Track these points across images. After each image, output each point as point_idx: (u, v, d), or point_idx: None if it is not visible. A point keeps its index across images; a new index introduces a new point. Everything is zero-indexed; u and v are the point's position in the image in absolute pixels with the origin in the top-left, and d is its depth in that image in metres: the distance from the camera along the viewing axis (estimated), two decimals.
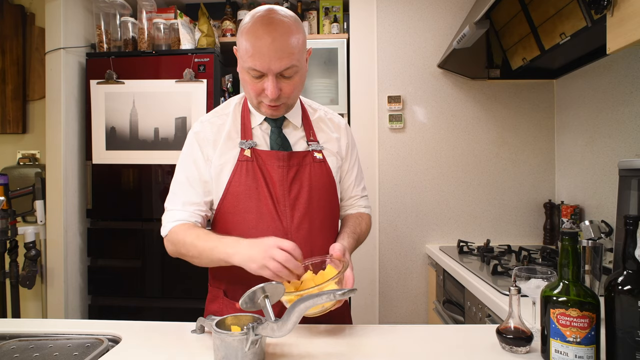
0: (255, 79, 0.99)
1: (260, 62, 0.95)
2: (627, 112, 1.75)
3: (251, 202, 1.04)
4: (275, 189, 1.05)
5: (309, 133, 1.14)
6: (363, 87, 2.40)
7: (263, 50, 0.94)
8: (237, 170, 1.05)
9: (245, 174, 1.05)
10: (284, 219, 1.04)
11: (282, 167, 1.06)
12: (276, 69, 0.96)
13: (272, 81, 0.97)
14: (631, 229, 0.74)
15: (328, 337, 0.94)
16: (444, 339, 0.92)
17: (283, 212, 1.05)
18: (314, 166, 1.11)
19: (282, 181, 1.05)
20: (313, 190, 1.08)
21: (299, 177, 1.08)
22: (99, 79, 2.32)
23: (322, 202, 1.10)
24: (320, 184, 1.11)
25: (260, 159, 1.06)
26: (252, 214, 1.04)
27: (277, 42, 0.94)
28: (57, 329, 1.00)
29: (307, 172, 1.09)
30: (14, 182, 2.40)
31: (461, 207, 2.39)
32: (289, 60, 0.96)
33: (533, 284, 0.91)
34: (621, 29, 1.09)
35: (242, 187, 1.04)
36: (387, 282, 2.38)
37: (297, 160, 1.08)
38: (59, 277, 2.30)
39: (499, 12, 2.08)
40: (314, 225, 1.07)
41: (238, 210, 1.05)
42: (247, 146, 1.06)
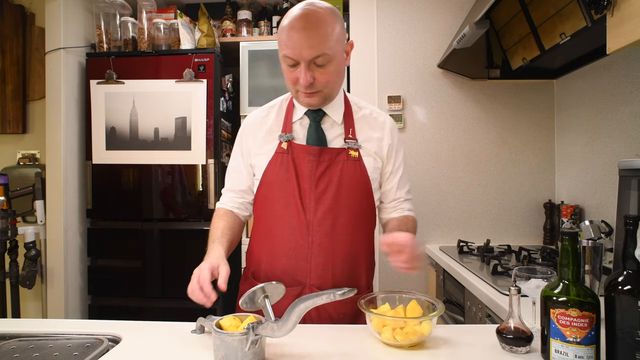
0: (290, 67, 1.02)
1: (292, 49, 0.99)
2: (627, 112, 1.75)
3: (281, 192, 1.10)
4: (304, 182, 1.09)
5: (349, 130, 1.14)
6: (363, 87, 2.40)
7: (294, 38, 0.98)
8: (273, 162, 1.11)
9: (279, 166, 1.10)
10: (308, 212, 1.08)
11: (311, 161, 1.09)
12: (307, 57, 0.99)
13: (304, 69, 1.00)
14: (631, 229, 0.74)
15: (328, 336, 0.94)
16: (444, 339, 0.92)
17: (308, 205, 1.08)
18: (348, 164, 1.11)
19: (310, 175, 1.09)
20: (342, 188, 1.10)
21: (329, 173, 1.10)
22: (99, 79, 2.32)
23: (350, 201, 1.11)
24: (351, 182, 1.11)
25: (295, 152, 1.11)
26: (279, 204, 1.10)
27: (308, 30, 0.98)
28: (57, 329, 1.00)
29: (339, 168, 1.10)
30: (14, 182, 2.40)
31: (461, 207, 2.39)
32: (320, 49, 0.98)
33: (533, 284, 0.90)
34: (621, 29, 1.09)
35: (274, 178, 1.11)
36: (387, 282, 2.37)
37: (330, 156, 1.10)
38: (59, 277, 2.29)
39: (499, 12, 2.08)
40: (338, 221, 1.09)
41: (269, 199, 1.12)
42: (285, 139, 1.12)
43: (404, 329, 0.87)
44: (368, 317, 0.90)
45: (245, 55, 2.43)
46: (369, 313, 0.89)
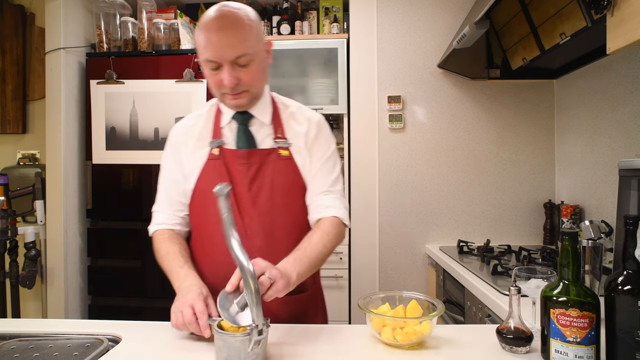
0: (213, 70, 1.00)
1: (212, 52, 0.97)
2: (627, 112, 1.75)
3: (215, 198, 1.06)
4: (237, 186, 1.07)
5: (277, 130, 1.12)
6: (363, 87, 2.40)
7: (214, 40, 0.96)
8: (205, 169, 1.09)
9: (212, 172, 1.08)
10: (245, 216, 1.06)
11: (242, 164, 1.07)
12: (229, 57, 0.97)
13: (227, 70, 0.98)
14: (631, 229, 0.74)
15: (328, 336, 0.94)
16: (444, 339, 0.92)
17: (244, 210, 1.06)
18: (279, 164, 1.09)
19: (242, 179, 1.07)
20: (275, 189, 1.07)
21: (260, 175, 1.07)
22: (99, 79, 2.32)
23: (286, 200, 1.08)
24: (285, 182, 1.09)
25: (226, 156, 1.08)
26: (215, 210, 1.04)
27: (227, 31, 0.97)
28: (57, 329, 1.00)
29: (270, 169, 1.08)
30: (14, 182, 2.40)
31: (461, 207, 2.39)
32: (241, 49, 0.97)
33: (533, 284, 0.90)
34: (621, 29, 1.09)
35: (208, 185, 1.05)
36: (387, 282, 2.37)
37: (259, 157, 1.08)
38: (59, 277, 2.30)
39: (499, 12, 2.08)
40: (276, 222, 1.07)
41: (204, 207, 1.09)
42: (215, 145, 1.09)
43: (404, 329, 0.87)
44: (368, 317, 0.90)
45: None
46: (369, 313, 0.89)
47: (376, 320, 0.89)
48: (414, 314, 0.91)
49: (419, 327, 0.87)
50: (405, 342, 0.86)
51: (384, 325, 0.88)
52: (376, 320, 0.89)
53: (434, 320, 0.88)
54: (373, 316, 0.89)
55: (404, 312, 0.93)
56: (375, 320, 0.89)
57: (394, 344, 0.87)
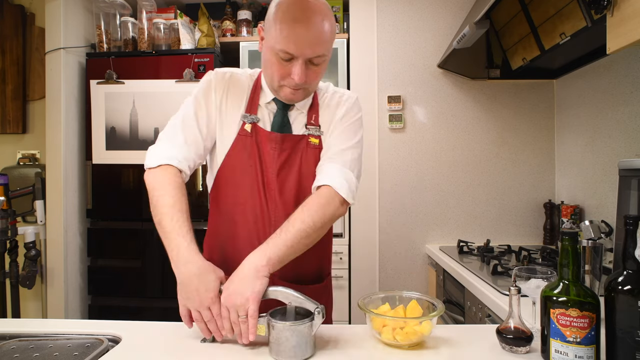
0: (284, 61, 0.95)
1: (294, 45, 0.92)
2: (627, 112, 1.75)
3: (244, 178, 1.03)
4: (267, 170, 1.03)
5: (311, 116, 1.08)
6: (363, 87, 2.40)
7: (299, 34, 0.91)
8: (236, 144, 1.04)
9: (242, 149, 1.04)
10: (270, 203, 1.03)
11: (274, 149, 1.04)
12: (309, 55, 0.93)
13: (301, 66, 0.94)
14: (631, 229, 0.74)
15: (328, 336, 0.94)
16: (444, 339, 0.92)
17: (271, 196, 1.03)
18: (307, 152, 1.06)
19: (272, 164, 1.03)
20: (303, 178, 1.04)
21: (290, 162, 1.04)
22: (99, 79, 2.32)
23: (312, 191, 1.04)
24: (312, 172, 1.05)
25: (259, 136, 1.04)
26: (242, 191, 1.03)
27: (314, 28, 0.92)
28: (57, 329, 1.00)
29: (299, 158, 1.05)
30: (14, 182, 2.40)
31: (461, 207, 2.39)
32: (322, 48, 0.94)
33: (533, 284, 0.90)
34: (621, 29, 1.09)
35: (237, 162, 1.03)
36: (387, 282, 2.37)
37: (291, 144, 1.05)
38: (59, 277, 2.29)
39: (499, 12, 2.08)
40: None
41: (230, 183, 1.05)
42: (250, 121, 1.04)
43: (404, 329, 0.87)
44: (368, 317, 0.90)
45: (245, 55, 2.43)
46: (369, 313, 0.89)
47: (376, 320, 0.89)
48: (414, 314, 0.91)
49: (419, 327, 0.87)
50: (405, 342, 0.86)
51: (384, 325, 0.88)
52: (376, 320, 0.89)
53: (434, 320, 0.88)
54: (373, 316, 0.89)
55: (404, 312, 0.93)
56: (375, 320, 0.89)
57: (394, 344, 0.87)
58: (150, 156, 1.02)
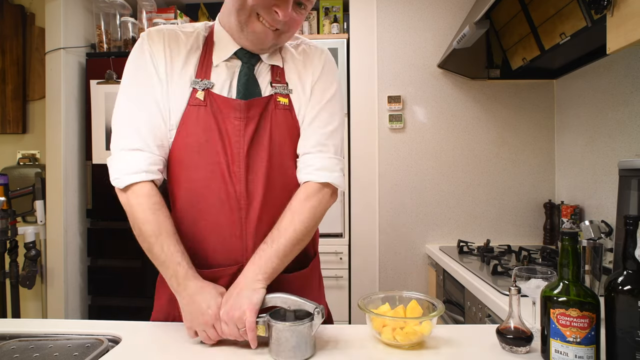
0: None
1: None
2: (627, 112, 1.75)
3: (200, 157, 0.87)
4: (231, 145, 0.87)
5: (275, 72, 0.92)
6: (363, 87, 2.40)
7: None
8: (187, 116, 0.87)
9: (195, 122, 0.87)
10: (237, 182, 0.87)
11: (239, 119, 0.87)
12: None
13: (290, 3, 0.82)
14: (631, 229, 0.74)
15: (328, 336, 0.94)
16: (444, 339, 0.92)
17: (236, 173, 0.87)
18: (277, 115, 0.90)
19: (239, 138, 0.87)
20: (273, 147, 0.89)
21: (259, 133, 0.88)
22: (99, 79, 2.32)
23: (284, 161, 0.91)
24: (282, 139, 0.90)
25: (216, 104, 0.87)
26: (200, 173, 0.88)
27: None
28: (57, 329, 1.00)
29: (268, 124, 0.89)
30: (14, 182, 2.40)
31: (461, 207, 2.39)
32: None
33: (533, 284, 0.90)
34: (621, 29, 1.09)
35: (190, 138, 0.87)
36: (387, 282, 2.37)
37: (258, 109, 0.88)
38: (59, 277, 2.29)
39: (499, 12, 2.08)
40: (273, 188, 0.90)
41: (185, 165, 0.89)
42: (202, 87, 0.87)
43: (404, 329, 0.87)
44: (368, 317, 0.90)
45: None
46: (368, 313, 0.89)
47: (376, 320, 0.89)
48: (414, 314, 0.91)
49: (419, 327, 0.87)
50: (405, 342, 0.86)
51: (384, 325, 0.88)
52: (376, 320, 0.89)
53: (434, 320, 0.88)
54: (373, 316, 0.89)
55: (404, 312, 0.93)
56: (375, 320, 0.89)
57: (394, 344, 0.87)
58: (113, 173, 0.91)
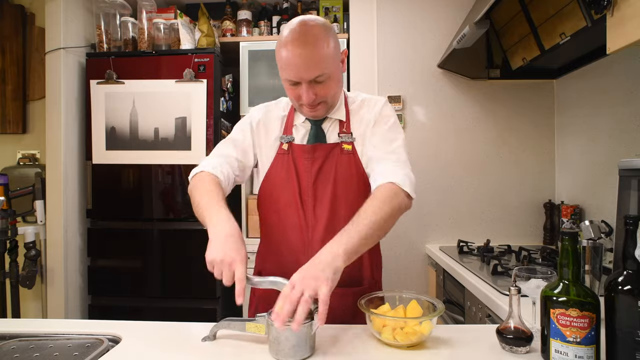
0: (292, 86, 1.05)
1: (292, 72, 1.02)
2: (627, 112, 1.75)
3: (282, 191, 1.13)
4: (302, 180, 1.12)
5: (343, 125, 1.16)
6: (363, 87, 2.40)
7: (293, 62, 1.01)
8: (275, 162, 1.16)
9: (281, 166, 1.15)
10: (306, 209, 1.11)
11: (306, 159, 1.13)
12: (307, 78, 1.02)
13: (305, 88, 1.03)
14: (631, 229, 0.74)
15: (328, 336, 0.94)
16: (444, 339, 0.92)
17: (306, 202, 1.12)
18: (342, 158, 1.13)
19: (306, 173, 1.12)
20: (337, 182, 1.11)
21: (324, 170, 1.12)
22: (99, 79, 2.32)
23: (348, 194, 1.11)
24: (346, 176, 1.12)
25: (294, 152, 1.15)
26: (280, 204, 1.14)
27: (306, 51, 1.00)
28: (57, 329, 1.00)
29: (333, 164, 1.12)
30: (14, 182, 2.40)
31: (461, 207, 2.39)
32: (319, 69, 1.01)
33: (533, 284, 0.91)
34: (621, 29, 1.09)
35: (276, 179, 1.15)
36: (387, 283, 2.35)
37: (323, 152, 1.13)
38: (59, 277, 2.29)
39: (499, 12, 2.08)
40: (337, 215, 1.09)
41: (271, 198, 1.16)
42: (286, 140, 1.16)
43: (404, 329, 0.87)
44: (368, 317, 0.90)
45: (245, 55, 2.43)
46: (369, 313, 0.89)
47: (376, 320, 0.89)
48: (414, 314, 0.92)
49: (419, 327, 0.87)
50: (405, 342, 0.86)
51: (384, 325, 0.88)
52: (376, 320, 0.89)
53: (434, 320, 0.88)
54: (373, 316, 0.89)
55: (404, 312, 0.93)
56: (375, 320, 0.89)
57: (394, 344, 0.87)
58: (196, 168, 1.16)
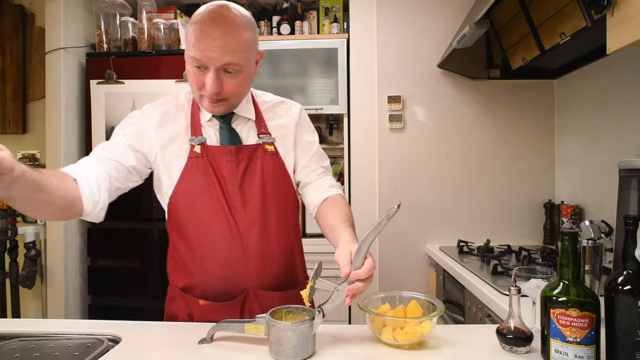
0: (198, 69, 0.97)
1: (202, 53, 0.94)
2: (627, 112, 1.75)
3: (202, 198, 1.04)
4: (226, 184, 1.04)
5: (260, 125, 1.12)
6: (363, 87, 2.40)
7: (206, 41, 0.93)
8: (188, 167, 1.05)
9: (196, 171, 1.04)
10: (236, 215, 1.03)
11: (230, 161, 1.05)
12: (218, 64, 0.95)
13: (213, 75, 0.95)
14: (631, 229, 0.74)
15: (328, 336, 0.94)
16: (444, 339, 0.92)
17: (234, 207, 1.04)
18: (266, 159, 1.09)
19: (232, 176, 1.05)
20: (266, 184, 1.07)
21: (250, 172, 1.06)
22: (99, 79, 2.32)
23: (277, 195, 1.09)
24: (273, 177, 1.09)
25: (210, 154, 1.05)
26: (203, 211, 1.04)
27: (223, 37, 0.94)
28: (57, 329, 1.00)
29: (259, 165, 1.07)
30: None
31: (461, 207, 2.39)
32: (232, 57, 0.95)
33: (533, 284, 0.90)
34: (621, 29, 1.09)
35: (192, 184, 1.04)
36: (387, 283, 2.37)
37: (247, 154, 1.07)
38: (59, 277, 2.29)
39: (499, 12, 2.08)
40: (269, 218, 1.06)
41: (189, 206, 1.05)
42: (197, 142, 1.05)
43: (404, 329, 0.87)
44: (368, 317, 0.90)
45: None
46: (369, 313, 0.89)
47: (376, 320, 0.89)
48: (414, 314, 0.91)
49: (419, 327, 0.87)
50: (405, 342, 0.86)
51: (384, 325, 0.88)
52: (376, 320, 0.89)
53: (434, 320, 0.88)
54: (373, 316, 0.89)
55: (404, 312, 0.93)
56: (375, 320, 0.89)
57: (394, 344, 0.87)
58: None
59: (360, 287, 0.84)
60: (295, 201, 1.16)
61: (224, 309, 1.01)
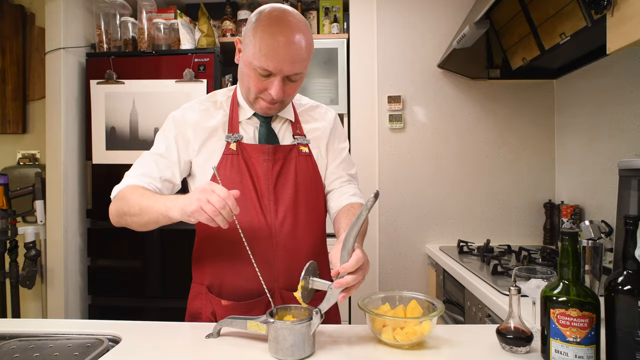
0: (262, 77, 0.98)
1: (273, 63, 0.94)
2: (627, 112, 1.75)
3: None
4: (260, 182, 1.05)
5: (296, 127, 1.14)
6: (363, 87, 2.40)
7: (278, 52, 0.94)
8: (222, 163, 1.05)
9: (230, 167, 1.05)
10: (267, 213, 1.04)
11: (267, 160, 1.06)
12: (287, 72, 0.96)
13: (279, 83, 0.97)
14: (631, 229, 0.74)
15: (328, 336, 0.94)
16: (444, 339, 0.92)
17: (267, 206, 1.05)
18: (300, 160, 1.10)
19: (267, 175, 1.05)
20: (299, 185, 1.08)
21: (284, 172, 1.07)
22: (99, 79, 2.32)
23: (308, 197, 1.09)
24: (306, 179, 1.10)
25: (246, 152, 1.06)
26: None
27: (294, 46, 0.95)
28: (57, 329, 1.00)
29: (293, 166, 1.08)
30: (14, 182, 2.40)
31: (461, 207, 2.39)
32: (301, 66, 0.97)
33: (533, 284, 0.90)
34: (621, 29, 1.09)
35: (226, 181, 1.03)
36: (387, 283, 2.37)
37: (283, 154, 1.08)
38: (59, 277, 2.29)
39: (499, 12, 2.08)
40: (299, 220, 1.07)
41: None
42: (233, 139, 1.07)
43: (404, 329, 0.87)
44: (368, 317, 0.90)
45: None
46: (369, 313, 0.89)
47: (376, 320, 0.89)
48: (414, 314, 0.91)
49: (419, 327, 0.87)
50: (405, 342, 0.86)
51: (384, 325, 0.88)
52: (376, 320, 0.89)
53: (434, 320, 0.88)
54: (373, 316, 0.89)
55: (404, 312, 0.93)
56: (375, 320, 0.89)
57: (394, 344, 0.87)
58: (113, 191, 1.11)
59: (350, 280, 0.83)
60: (323, 203, 1.17)
61: (247, 308, 1.02)
